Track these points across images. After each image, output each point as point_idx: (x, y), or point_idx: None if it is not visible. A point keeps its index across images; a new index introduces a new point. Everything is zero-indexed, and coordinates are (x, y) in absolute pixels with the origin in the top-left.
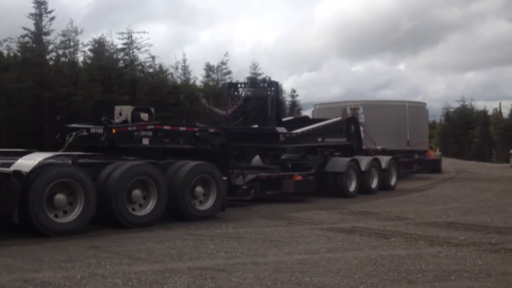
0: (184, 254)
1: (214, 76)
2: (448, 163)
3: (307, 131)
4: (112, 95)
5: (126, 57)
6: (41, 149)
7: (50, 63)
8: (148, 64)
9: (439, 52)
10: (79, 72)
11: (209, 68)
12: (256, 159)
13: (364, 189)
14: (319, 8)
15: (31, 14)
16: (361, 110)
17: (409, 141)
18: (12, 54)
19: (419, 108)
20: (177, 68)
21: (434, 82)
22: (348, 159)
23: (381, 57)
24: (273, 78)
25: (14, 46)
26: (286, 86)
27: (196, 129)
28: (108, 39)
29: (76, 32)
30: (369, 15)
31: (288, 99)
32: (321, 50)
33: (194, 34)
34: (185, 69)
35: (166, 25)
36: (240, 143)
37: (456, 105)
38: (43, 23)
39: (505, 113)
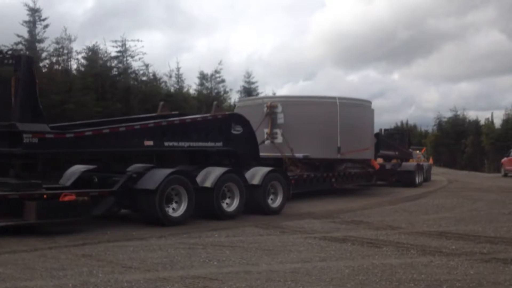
0: (177, 263)
1: (207, 84)
2: (440, 173)
3: (101, 131)
4: (105, 103)
5: (120, 65)
6: None
7: (43, 70)
8: (141, 72)
9: (432, 62)
10: (72, 80)
11: (202, 77)
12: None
13: (211, 213)
14: (315, 18)
15: (25, 22)
16: (279, 109)
17: (340, 148)
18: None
19: (358, 107)
20: (170, 76)
21: (428, 92)
22: (168, 170)
23: (376, 66)
24: (269, 86)
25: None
26: (282, 94)
27: None
28: (102, 47)
29: (70, 40)
30: (364, 25)
31: None
32: (317, 59)
33: (190, 42)
34: (178, 77)
35: (163, 33)
36: None
37: (448, 114)
38: (37, 30)
39: (497, 123)
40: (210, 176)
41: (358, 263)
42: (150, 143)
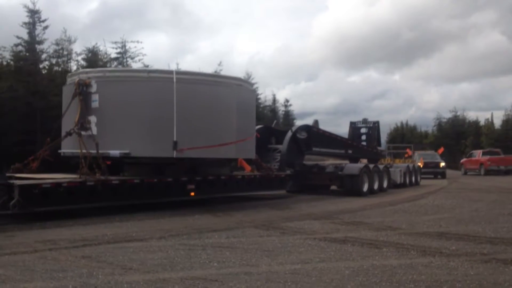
0: (177, 264)
1: None
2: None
3: None
4: None
5: (120, 66)
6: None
7: (43, 72)
8: None
9: (433, 62)
10: None
11: None
12: None
13: None
14: (317, 20)
15: (25, 23)
16: (94, 87)
17: (177, 143)
18: (5, 63)
19: (214, 86)
20: None
21: (428, 93)
22: None
23: (377, 67)
24: (270, 87)
25: (7, 55)
26: (282, 95)
27: None
28: (101, 48)
29: (70, 41)
30: (366, 26)
31: (281, 109)
32: (318, 60)
33: (195, 44)
34: None
35: (168, 34)
36: None
37: (448, 115)
38: (37, 32)
39: (497, 123)
40: None
41: (358, 264)
42: None
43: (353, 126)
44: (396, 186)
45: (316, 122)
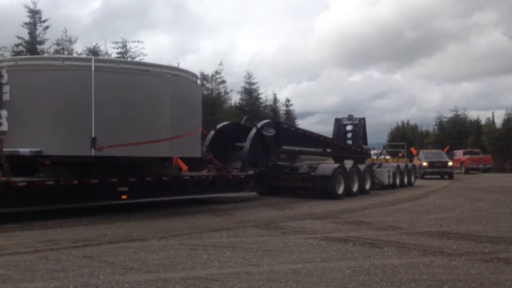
0: (178, 264)
1: (208, 85)
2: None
3: None
4: None
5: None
6: None
7: None
8: None
9: (435, 62)
10: None
11: (203, 78)
12: None
13: None
14: (319, 19)
15: (25, 23)
16: (5, 78)
17: (96, 139)
18: None
19: (146, 76)
20: None
21: (430, 92)
22: None
23: (379, 67)
24: (272, 87)
25: (8, 55)
26: (283, 95)
27: None
28: (102, 48)
29: (71, 41)
30: (368, 26)
31: (282, 108)
32: (320, 60)
33: (197, 43)
34: None
35: (170, 34)
36: None
37: (449, 114)
38: (37, 32)
39: (498, 122)
40: None
41: (359, 264)
42: None
43: (338, 123)
44: (385, 187)
45: (288, 117)
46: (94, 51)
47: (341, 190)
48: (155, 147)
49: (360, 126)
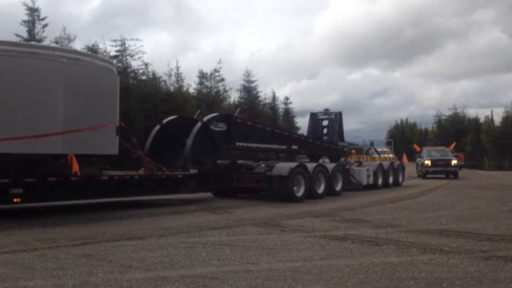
0: (177, 262)
1: (207, 83)
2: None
3: None
4: None
5: (119, 64)
6: None
7: None
8: (141, 71)
9: (434, 60)
10: None
11: (202, 76)
12: None
13: None
14: (319, 18)
15: (24, 21)
16: None
17: None
18: None
19: (35, 59)
20: (170, 76)
21: (429, 90)
22: None
23: (378, 65)
24: (271, 85)
25: None
26: (283, 93)
27: None
28: (101, 46)
29: (69, 39)
30: (367, 24)
31: (281, 107)
32: (320, 58)
33: (196, 42)
34: (178, 76)
35: (170, 32)
36: None
37: (448, 112)
38: (36, 30)
39: (497, 120)
40: None
41: (358, 262)
42: None
43: (314, 118)
44: (365, 187)
45: (241, 111)
46: (93, 49)
47: (301, 192)
48: (44, 143)
49: (336, 121)
